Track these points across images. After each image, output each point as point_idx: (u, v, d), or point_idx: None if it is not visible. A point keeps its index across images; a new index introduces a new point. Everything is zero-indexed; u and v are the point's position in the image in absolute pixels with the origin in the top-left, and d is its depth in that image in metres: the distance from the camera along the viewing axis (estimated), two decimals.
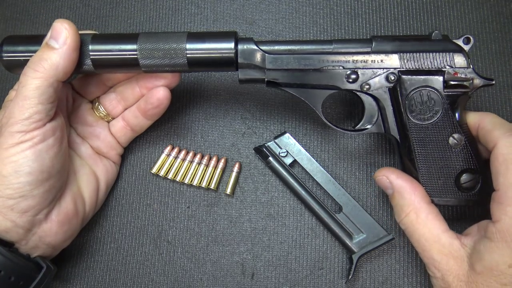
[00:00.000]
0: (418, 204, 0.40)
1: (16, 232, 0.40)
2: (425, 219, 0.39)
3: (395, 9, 0.55)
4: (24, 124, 0.39)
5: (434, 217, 0.39)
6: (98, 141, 0.49)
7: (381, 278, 0.49)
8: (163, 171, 0.52)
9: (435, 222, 0.39)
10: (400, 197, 0.41)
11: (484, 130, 0.40)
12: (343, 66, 0.43)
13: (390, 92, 0.43)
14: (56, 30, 0.40)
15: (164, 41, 0.42)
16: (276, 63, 0.43)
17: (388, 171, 0.42)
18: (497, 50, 0.53)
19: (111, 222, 0.52)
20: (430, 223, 0.39)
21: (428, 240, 0.38)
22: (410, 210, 0.40)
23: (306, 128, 0.53)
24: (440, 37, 0.43)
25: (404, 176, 0.41)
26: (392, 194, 0.42)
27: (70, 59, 0.40)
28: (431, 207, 0.40)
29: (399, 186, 0.41)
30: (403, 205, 0.40)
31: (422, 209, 0.39)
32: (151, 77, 0.46)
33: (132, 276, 0.50)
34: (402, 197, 0.40)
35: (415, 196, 0.40)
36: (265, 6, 0.56)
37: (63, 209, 0.43)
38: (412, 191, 0.40)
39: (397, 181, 0.41)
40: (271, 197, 0.51)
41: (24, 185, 0.39)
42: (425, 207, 0.39)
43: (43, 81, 0.39)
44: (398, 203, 0.41)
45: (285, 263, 0.50)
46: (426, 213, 0.39)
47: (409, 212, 0.40)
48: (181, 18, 0.57)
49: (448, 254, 0.38)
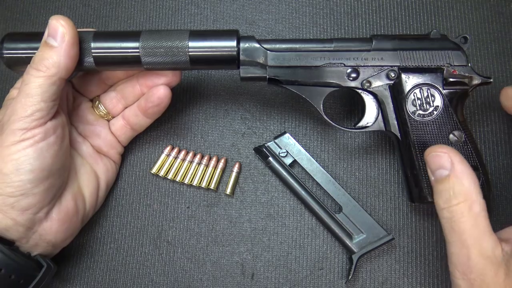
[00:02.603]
0: (476, 196, 0.36)
1: (16, 230, 0.40)
2: (477, 214, 0.35)
3: (395, 9, 0.55)
4: (26, 122, 0.39)
5: (485, 215, 0.36)
6: (99, 140, 0.49)
7: (381, 278, 0.48)
8: (163, 171, 0.52)
9: (485, 221, 0.36)
10: (458, 182, 0.36)
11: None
12: (344, 64, 0.44)
13: (391, 90, 0.44)
14: (52, 28, 0.40)
15: (167, 39, 0.42)
16: (277, 60, 0.44)
17: (452, 151, 0.37)
18: (497, 50, 0.53)
19: (111, 222, 0.52)
20: (480, 220, 0.35)
21: (472, 237, 0.35)
22: (465, 200, 0.36)
23: (306, 128, 0.53)
24: (439, 36, 0.44)
25: (467, 162, 0.37)
26: (446, 176, 0.37)
27: (70, 55, 0.40)
28: (485, 204, 0.36)
29: (461, 171, 0.36)
30: (459, 192, 0.36)
31: (478, 202, 0.36)
32: (151, 76, 0.46)
33: (132, 276, 0.50)
34: (460, 183, 0.36)
35: (475, 187, 0.36)
36: (265, 6, 0.56)
37: (64, 207, 0.43)
38: (474, 181, 0.36)
39: (461, 165, 0.37)
40: (271, 197, 0.51)
41: (25, 183, 0.39)
42: (482, 201, 0.36)
43: (45, 80, 0.39)
44: (452, 188, 0.36)
45: (285, 263, 0.50)
46: (481, 209, 0.36)
47: (462, 201, 0.36)
48: (181, 18, 0.57)
49: (487, 258, 0.35)
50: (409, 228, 0.49)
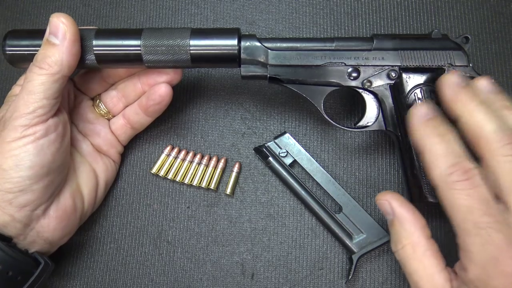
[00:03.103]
0: (418, 238, 0.37)
1: (14, 227, 0.40)
2: (422, 255, 0.36)
3: (395, 9, 0.55)
4: (28, 118, 0.39)
5: (431, 254, 0.36)
6: (99, 138, 0.49)
7: (381, 278, 0.48)
8: (163, 171, 0.52)
9: (432, 260, 0.36)
10: (400, 226, 0.38)
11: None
12: (345, 63, 0.44)
13: (391, 89, 0.44)
14: (54, 25, 0.40)
15: (168, 37, 0.43)
16: (278, 59, 0.44)
17: (392, 197, 0.39)
18: (497, 50, 0.53)
19: (111, 222, 0.52)
20: (426, 260, 0.36)
21: (422, 278, 0.36)
22: (408, 243, 0.37)
23: (306, 128, 0.53)
24: (440, 36, 0.44)
25: (407, 205, 0.39)
26: (391, 221, 0.39)
27: (72, 53, 0.40)
28: (430, 243, 0.37)
29: (400, 215, 0.38)
30: (401, 236, 0.37)
31: (420, 244, 0.37)
32: (153, 74, 0.46)
33: (132, 276, 0.50)
34: (402, 227, 0.38)
35: (416, 229, 0.37)
36: (265, 6, 0.56)
37: (62, 205, 0.43)
38: (413, 223, 0.37)
39: (400, 210, 0.38)
40: (271, 197, 0.51)
41: (24, 179, 0.39)
42: (424, 242, 0.37)
43: (48, 77, 0.39)
44: (397, 232, 0.38)
45: (285, 263, 0.50)
46: (424, 249, 0.36)
47: (406, 244, 0.37)
48: (181, 18, 0.57)
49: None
50: None
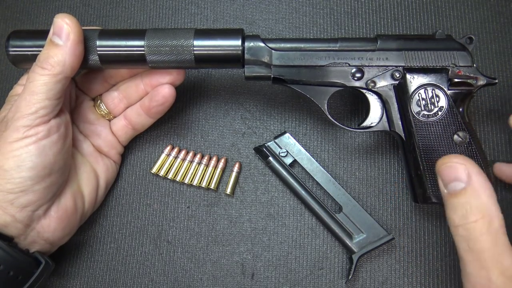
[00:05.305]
0: (495, 211, 0.32)
1: (15, 227, 0.40)
2: (497, 231, 0.32)
3: (395, 9, 0.55)
4: (30, 119, 0.39)
5: (504, 231, 0.32)
6: (99, 139, 0.49)
7: (381, 278, 0.49)
8: (163, 171, 0.52)
9: (504, 237, 0.32)
10: (475, 197, 0.33)
11: None
12: (348, 64, 0.44)
13: (395, 90, 0.44)
14: (57, 26, 0.40)
15: (172, 37, 0.43)
16: (282, 59, 0.44)
17: (469, 162, 0.33)
18: (497, 50, 0.53)
19: (111, 222, 0.52)
20: (499, 237, 0.32)
21: (491, 257, 0.32)
22: (483, 216, 0.32)
23: (306, 128, 0.53)
24: (444, 36, 0.44)
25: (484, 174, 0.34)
26: (463, 189, 0.33)
27: (75, 54, 0.40)
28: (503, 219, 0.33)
29: (479, 184, 0.33)
30: (477, 207, 0.32)
31: (497, 217, 0.32)
32: (156, 74, 0.46)
33: (132, 276, 0.50)
34: (478, 198, 0.32)
35: (494, 201, 0.32)
36: (265, 6, 0.56)
37: (62, 205, 0.43)
38: (492, 194, 0.33)
39: (479, 178, 0.33)
40: (271, 197, 0.51)
41: (25, 180, 0.39)
42: (500, 216, 0.32)
43: (51, 78, 0.39)
44: (469, 203, 0.33)
45: (285, 263, 0.50)
46: (500, 224, 0.32)
47: (481, 217, 0.32)
48: (181, 18, 0.57)
49: (509, 278, 0.31)
50: (409, 228, 0.49)
